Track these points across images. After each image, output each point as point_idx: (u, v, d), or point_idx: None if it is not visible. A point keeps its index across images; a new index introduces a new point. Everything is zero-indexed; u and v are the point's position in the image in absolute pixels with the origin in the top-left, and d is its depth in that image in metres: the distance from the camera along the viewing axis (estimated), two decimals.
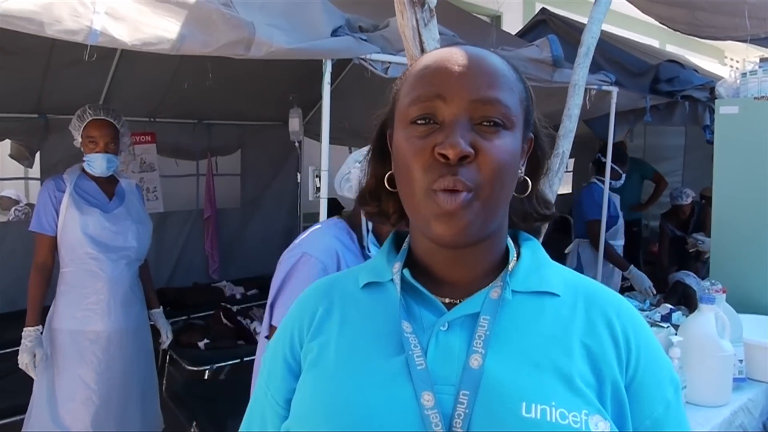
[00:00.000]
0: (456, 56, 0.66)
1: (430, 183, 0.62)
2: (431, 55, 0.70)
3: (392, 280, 0.71)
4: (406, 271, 0.71)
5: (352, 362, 0.67)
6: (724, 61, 9.07)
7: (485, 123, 0.63)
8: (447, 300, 0.69)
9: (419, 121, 0.65)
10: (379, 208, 0.77)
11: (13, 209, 4.20)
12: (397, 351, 0.65)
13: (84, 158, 2.37)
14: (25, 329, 2.25)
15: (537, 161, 0.74)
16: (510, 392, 0.61)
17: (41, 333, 2.29)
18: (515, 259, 0.72)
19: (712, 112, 3.77)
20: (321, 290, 0.77)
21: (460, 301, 0.68)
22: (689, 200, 4.52)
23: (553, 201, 0.78)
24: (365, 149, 0.79)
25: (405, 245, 0.75)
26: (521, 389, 0.61)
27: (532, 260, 0.72)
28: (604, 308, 0.69)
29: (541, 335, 0.65)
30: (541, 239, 0.81)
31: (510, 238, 0.74)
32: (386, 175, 0.73)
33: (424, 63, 0.68)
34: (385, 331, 0.68)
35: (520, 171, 0.69)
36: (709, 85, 3.95)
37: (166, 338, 2.69)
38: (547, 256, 0.75)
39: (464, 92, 0.63)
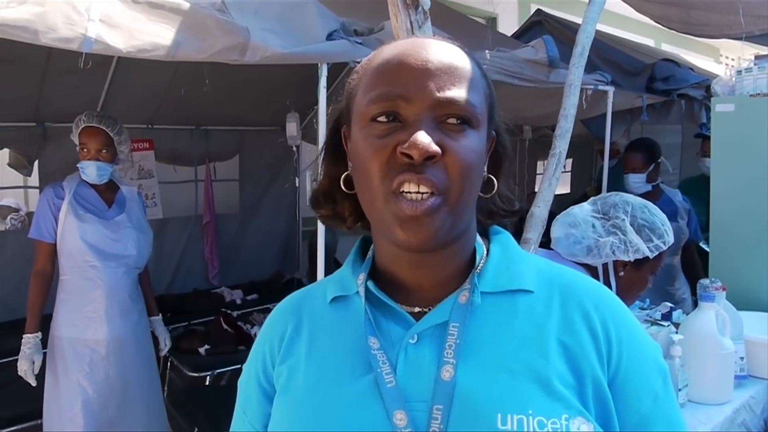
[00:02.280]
0: (418, 51, 0.61)
1: (392, 185, 0.58)
2: (390, 49, 0.65)
3: (358, 292, 0.67)
4: (370, 283, 0.66)
5: (321, 386, 0.64)
6: (719, 59, 9.09)
7: (450, 120, 0.59)
8: (416, 309, 0.65)
9: (380, 119, 0.60)
10: (333, 211, 0.73)
11: (9, 217, 4.19)
12: (365, 370, 0.62)
13: (78, 165, 2.38)
14: (24, 336, 2.26)
15: (499, 158, 0.70)
16: (484, 404, 0.58)
17: (40, 340, 2.28)
18: (484, 256, 0.67)
19: (708, 110, 3.78)
20: (290, 307, 0.73)
21: (429, 309, 0.64)
22: None
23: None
24: None
25: (369, 253, 0.71)
26: (496, 400, 0.58)
27: (501, 256, 0.68)
28: (582, 300, 0.64)
29: (514, 338, 0.62)
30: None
31: (479, 234, 0.70)
32: (342, 176, 0.68)
33: (384, 57, 0.64)
34: (353, 349, 0.64)
35: (483, 170, 0.66)
36: (705, 83, 3.96)
37: (165, 345, 2.68)
38: (520, 249, 0.70)
39: (428, 91, 0.59)
